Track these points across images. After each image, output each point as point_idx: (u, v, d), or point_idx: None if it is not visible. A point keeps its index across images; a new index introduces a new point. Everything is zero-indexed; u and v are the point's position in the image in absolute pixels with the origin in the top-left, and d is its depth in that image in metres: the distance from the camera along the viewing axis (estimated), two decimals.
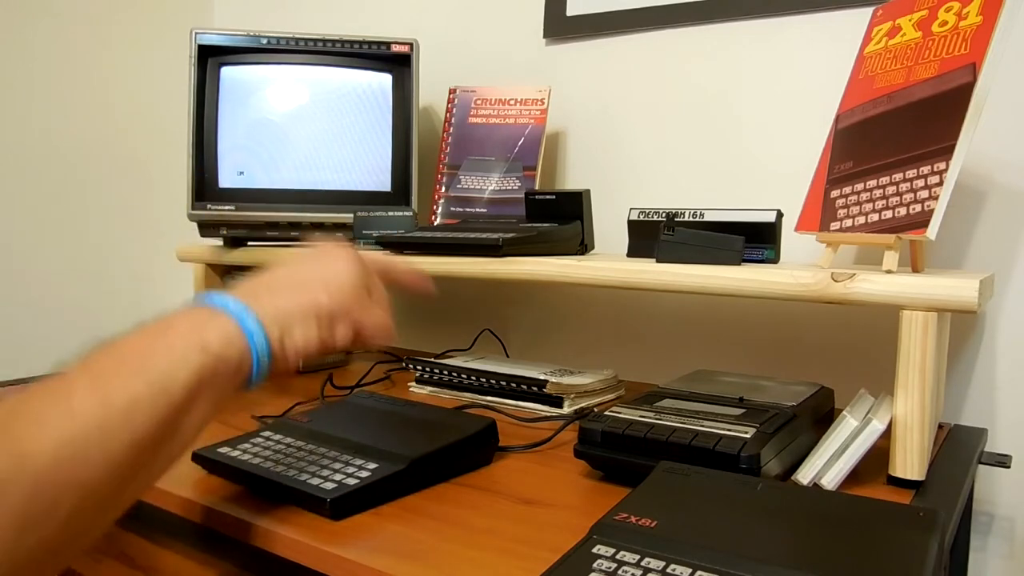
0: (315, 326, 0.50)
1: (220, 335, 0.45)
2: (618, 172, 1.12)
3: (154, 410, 0.41)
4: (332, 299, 0.51)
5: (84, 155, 1.39)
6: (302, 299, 0.50)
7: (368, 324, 0.54)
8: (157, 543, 0.74)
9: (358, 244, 1.01)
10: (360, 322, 0.53)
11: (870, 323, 0.92)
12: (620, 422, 0.64)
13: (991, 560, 0.87)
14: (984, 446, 0.78)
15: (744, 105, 1.01)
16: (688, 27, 1.05)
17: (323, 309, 0.50)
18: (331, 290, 0.51)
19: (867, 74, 0.77)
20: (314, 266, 0.53)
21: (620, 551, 0.45)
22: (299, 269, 0.53)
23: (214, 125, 1.07)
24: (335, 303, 0.51)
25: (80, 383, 0.40)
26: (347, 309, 0.52)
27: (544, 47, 1.18)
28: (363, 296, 0.54)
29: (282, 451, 0.64)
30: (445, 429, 0.67)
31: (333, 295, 0.51)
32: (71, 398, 0.39)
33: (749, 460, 0.57)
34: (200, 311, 0.46)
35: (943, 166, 0.63)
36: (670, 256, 0.75)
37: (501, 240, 0.83)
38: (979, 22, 0.66)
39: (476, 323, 1.25)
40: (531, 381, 0.86)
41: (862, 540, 0.45)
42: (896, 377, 0.61)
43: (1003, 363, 0.86)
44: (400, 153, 1.11)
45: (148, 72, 1.48)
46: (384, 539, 0.52)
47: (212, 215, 1.06)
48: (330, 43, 1.08)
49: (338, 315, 0.51)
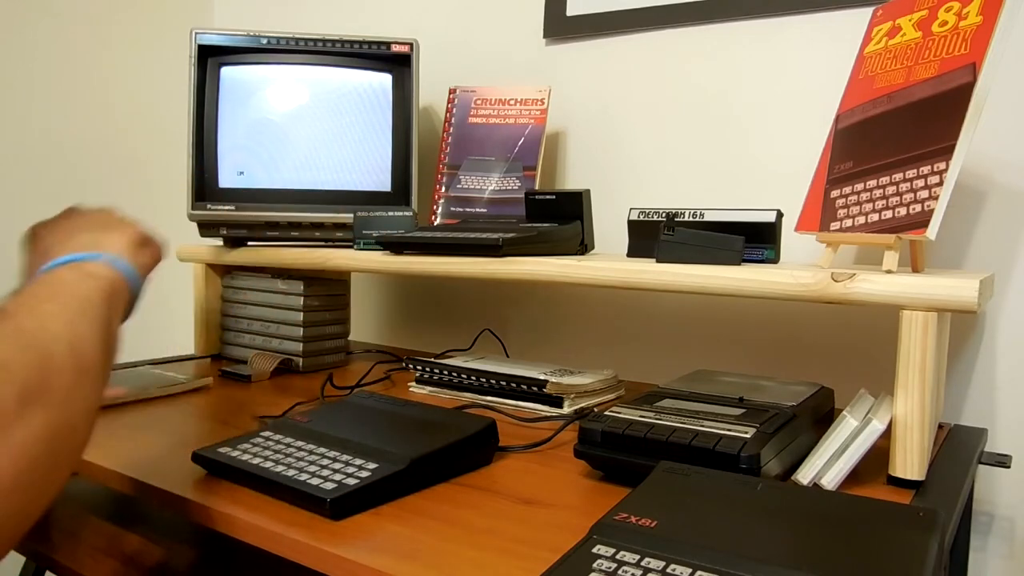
0: (142, 250, 0.58)
1: (102, 270, 0.52)
2: (618, 172, 1.12)
3: (96, 312, 0.48)
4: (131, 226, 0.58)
5: (84, 155, 1.39)
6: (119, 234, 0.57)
7: (152, 235, 0.60)
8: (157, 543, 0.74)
9: (358, 244, 1.01)
10: (149, 236, 0.60)
11: (870, 323, 0.92)
12: (620, 422, 0.64)
13: (991, 560, 0.87)
14: (984, 446, 0.78)
15: (744, 105, 1.01)
16: (688, 27, 1.05)
17: (135, 236, 0.58)
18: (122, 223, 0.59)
19: (867, 74, 0.77)
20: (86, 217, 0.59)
21: (620, 551, 0.45)
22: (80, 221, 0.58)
23: (214, 125, 1.07)
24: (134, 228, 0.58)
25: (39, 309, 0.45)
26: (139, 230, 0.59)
27: (544, 47, 1.18)
28: (128, 219, 0.61)
29: (282, 451, 0.64)
30: (445, 429, 0.67)
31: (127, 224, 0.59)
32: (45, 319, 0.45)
33: (749, 460, 0.57)
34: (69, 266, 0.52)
35: (943, 166, 0.63)
36: (670, 256, 0.75)
37: (501, 240, 0.83)
38: (979, 22, 0.66)
39: (476, 323, 1.25)
40: (531, 381, 0.86)
41: (862, 540, 0.45)
42: (896, 377, 0.61)
43: (1003, 363, 0.86)
44: (400, 153, 1.11)
45: (148, 72, 1.48)
46: (384, 539, 0.52)
47: (212, 215, 1.06)
48: (330, 43, 1.08)
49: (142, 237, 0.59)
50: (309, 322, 1.08)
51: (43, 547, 0.77)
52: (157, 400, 0.90)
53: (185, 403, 0.89)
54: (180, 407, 0.87)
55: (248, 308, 1.15)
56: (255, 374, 1.02)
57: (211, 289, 1.18)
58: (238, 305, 1.16)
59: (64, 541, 0.78)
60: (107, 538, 0.79)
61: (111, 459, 0.67)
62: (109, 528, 0.81)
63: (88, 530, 0.80)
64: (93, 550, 0.76)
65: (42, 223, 0.59)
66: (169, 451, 0.70)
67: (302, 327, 1.08)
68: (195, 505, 0.59)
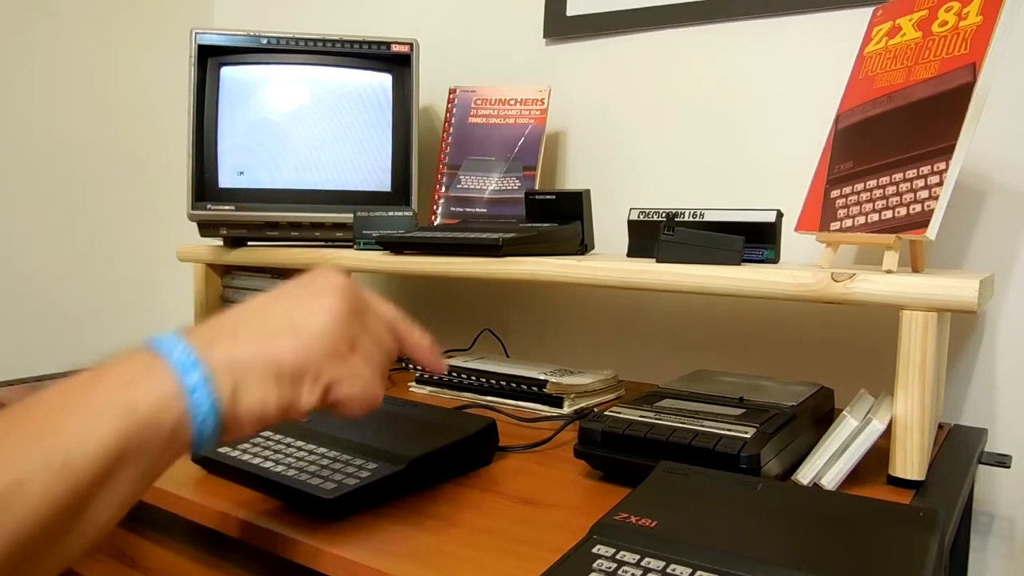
0: (275, 385, 0.39)
1: (153, 394, 0.36)
2: (618, 172, 1.12)
3: (48, 491, 0.32)
4: (298, 350, 0.40)
5: (84, 155, 1.39)
6: (266, 348, 0.40)
7: (344, 388, 0.42)
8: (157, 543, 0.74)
9: (358, 244, 1.01)
10: (334, 384, 0.42)
11: (870, 323, 0.92)
12: (620, 422, 0.64)
13: (991, 560, 0.87)
14: (984, 446, 0.78)
15: (744, 105, 1.01)
16: (688, 27, 1.05)
17: (286, 363, 0.40)
18: (300, 337, 0.41)
19: (867, 74, 0.77)
20: (290, 302, 0.43)
21: (620, 551, 0.45)
22: (274, 305, 0.43)
23: (214, 125, 1.07)
24: (301, 356, 0.40)
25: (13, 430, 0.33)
26: (318, 364, 0.41)
27: (544, 47, 1.18)
28: (341, 349, 0.42)
29: (282, 451, 0.64)
30: (445, 429, 0.67)
31: (300, 344, 0.40)
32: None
33: (749, 460, 0.57)
34: (139, 357, 0.37)
35: (943, 166, 0.63)
36: (670, 256, 0.75)
37: (501, 240, 0.83)
38: (979, 22, 0.66)
39: (476, 323, 1.25)
40: (531, 381, 0.86)
41: (862, 540, 0.45)
42: (896, 377, 0.61)
43: (1003, 363, 0.86)
44: (400, 153, 1.10)
45: (148, 72, 1.48)
46: (384, 539, 0.52)
47: (212, 215, 1.06)
48: (330, 43, 1.08)
49: (305, 371, 0.41)
50: None
51: None
52: None
53: None
54: None
55: None
56: None
57: (211, 289, 1.18)
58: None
59: None
60: (107, 538, 0.79)
61: None
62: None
63: None
64: (93, 550, 0.76)
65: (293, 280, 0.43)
66: None
67: None
68: (195, 505, 0.59)
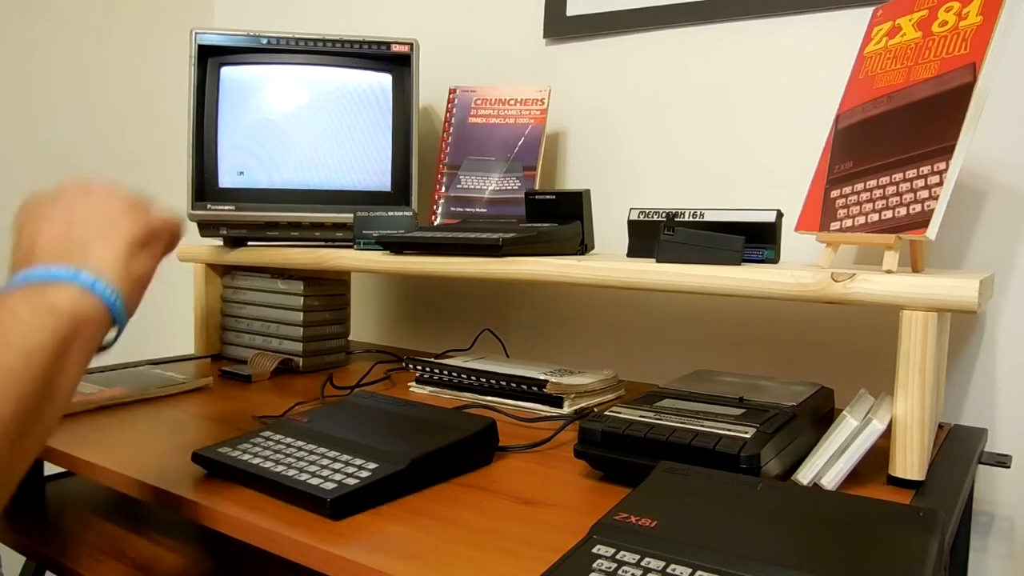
0: (141, 254, 0.51)
1: (63, 297, 0.45)
2: (618, 172, 1.12)
3: (28, 374, 0.41)
4: (135, 222, 0.51)
5: (84, 155, 1.39)
6: (115, 237, 0.49)
7: (163, 225, 0.54)
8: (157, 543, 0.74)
9: (358, 244, 1.01)
10: (159, 228, 0.53)
11: (870, 323, 0.92)
12: (620, 422, 0.64)
13: (991, 560, 0.87)
14: (984, 446, 0.78)
15: (744, 105, 1.01)
16: (688, 27, 1.05)
17: (137, 236, 0.50)
18: (128, 216, 0.51)
19: (867, 74, 0.77)
20: (89, 204, 0.52)
21: (620, 551, 0.45)
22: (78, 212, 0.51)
23: (214, 125, 1.07)
24: (138, 225, 0.51)
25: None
26: (147, 223, 0.52)
27: (544, 47, 1.18)
28: (141, 205, 0.53)
29: (282, 451, 0.64)
30: (445, 429, 0.67)
31: (132, 219, 0.51)
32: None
33: (749, 460, 0.57)
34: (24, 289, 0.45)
35: (943, 166, 0.63)
36: (670, 256, 0.75)
37: (501, 240, 0.83)
38: (979, 22, 0.66)
39: (476, 323, 1.25)
40: (531, 381, 0.86)
41: (862, 540, 0.45)
42: (896, 377, 0.61)
43: (1003, 363, 0.86)
44: (400, 153, 1.11)
45: (148, 72, 1.48)
46: (384, 539, 0.52)
47: (212, 215, 1.06)
48: (330, 43, 1.08)
49: (148, 233, 0.51)
50: (309, 322, 1.08)
51: (43, 547, 0.78)
52: (157, 400, 0.90)
53: (185, 403, 0.89)
54: (180, 407, 0.87)
55: (248, 308, 1.15)
56: (255, 374, 1.02)
57: (211, 289, 1.18)
58: (238, 305, 1.16)
59: (64, 541, 0.78)
60: (107, 538, 0.79)
61: (111, 459, 0.67)
62: (109, 528, 0.81)
63: (88, 530, 0.81)
64: (93, 550, 0.76)
65: (38, 200, 0.52)
66: (169, 451, 0.70)
67: (302, 327, 1.08)
68: (195, 505, 0.59)
